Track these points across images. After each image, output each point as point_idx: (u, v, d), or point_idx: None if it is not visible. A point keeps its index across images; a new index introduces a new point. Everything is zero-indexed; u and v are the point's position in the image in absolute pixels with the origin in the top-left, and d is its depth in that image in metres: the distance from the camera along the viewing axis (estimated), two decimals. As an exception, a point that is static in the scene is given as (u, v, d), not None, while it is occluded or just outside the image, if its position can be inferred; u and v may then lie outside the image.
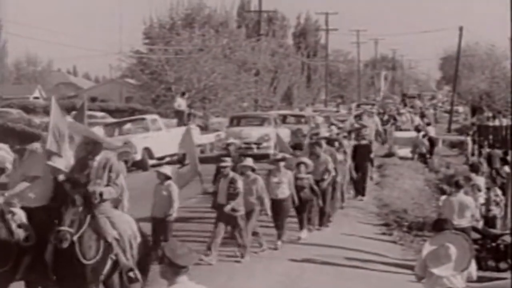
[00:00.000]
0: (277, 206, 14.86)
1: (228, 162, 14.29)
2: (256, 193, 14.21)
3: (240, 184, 13.93)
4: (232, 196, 13.80)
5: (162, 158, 27.74)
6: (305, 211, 15.63)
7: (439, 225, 8.95)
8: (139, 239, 9.79)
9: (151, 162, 26.75)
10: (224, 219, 13.78)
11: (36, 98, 63.30)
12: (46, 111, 49.33)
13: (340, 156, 17.93)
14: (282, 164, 15.09)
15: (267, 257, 13.81)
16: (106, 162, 9.76)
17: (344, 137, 21.77)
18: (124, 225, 9.71)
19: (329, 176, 16.46)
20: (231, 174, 14.07)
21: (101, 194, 9.48)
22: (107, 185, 9.64)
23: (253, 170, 14.48)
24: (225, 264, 13.22)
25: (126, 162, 22.75)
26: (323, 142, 17.59)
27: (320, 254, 14.45)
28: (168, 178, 13.88)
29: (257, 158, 16.24)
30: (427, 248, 8.46)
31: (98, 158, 9.78)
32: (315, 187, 15.70)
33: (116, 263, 9.41)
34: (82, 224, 9.06)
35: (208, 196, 18.89)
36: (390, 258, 15.36)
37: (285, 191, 14.94)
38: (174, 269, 5.75)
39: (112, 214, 9.74)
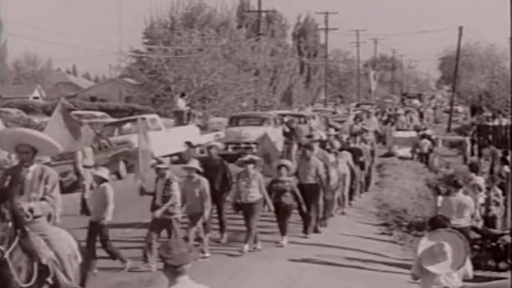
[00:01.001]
0: (247, 210, 14.24)
1: (165, 163, 13.70)
2: (200, 195, 13.56)
3: (175, 186, 13.23)
4: (166, 198, 13.13)
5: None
6: (286, 216, 14.86)
7: (437, 223, 8.92)
8: (80, 259, 8.75)
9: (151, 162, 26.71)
10: (158, 222, 13.13)
11: (36, 98, 63.37)
12: (46, 111, 49.49)
13: (331, 158, 17.43)
14: (250, 166, 14.36)
15: (267, 257, 13.80)
16: (42, 173, 8.68)
17: (337, 137, 21.65)
18: (62, 244, 8.58)
19: (320, 180, 15.84)
20: (167, 175, 13.40)
21: (31, 210, 8.33)
22: (42, 198, 8.56)
23: (198, 172, 13.85)
24: (225, 264, 13.22)
25: (126, 162, 22.88)
26: (316, 145, 17.10)
27: (320, 254, 14.45)
28: (104, 180, 13.23)
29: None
30: (422, 246, 8.44)
31: (32, 168, 8.64)
32: (297, 191, 14.98)
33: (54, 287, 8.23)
34: (12, 242, 7.77)
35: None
36: (390, 258, 15.37)
37: (254, 194, 14.26)
38: (170, 269, 5.77)
39: (48, 232, 8.55)
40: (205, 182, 13.74)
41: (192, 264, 5.77)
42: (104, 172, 13.48)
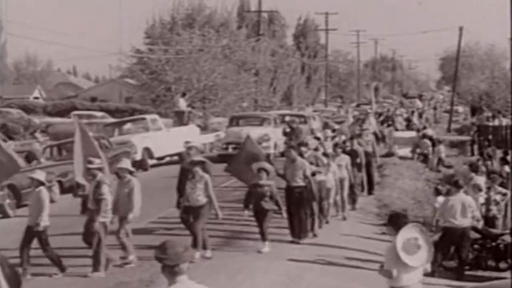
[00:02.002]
0: (192, 213, 13.57)
1: (96, 163, 13.08)
2: (128, 197, 13.06)
3: (105, 189, 12.75)
4: (97, 201, 12.74)
5: (162, 158, 27.78)
6: (266, 222, 14.08)
7: (397, 219, 8.90)
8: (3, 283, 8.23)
9: (151, 162, 26.76)
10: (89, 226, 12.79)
11: (36, 98, 63.44)
12: (46, 111, 49.49)
13: (324, 160, 16.84)
14: (197, 168, 13.62)
15: (267, 257, 13.79)
16: None
17: (333, 138, 21.39)
18: None
19: (309, 182, 15.11)
20: (98, 177, 12.92)
21: None
22: None
23: (130, 172, 13.39)
24: (225, 264, 13.21)
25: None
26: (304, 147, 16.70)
27: (320, 254, 14.45)
28: (41, 183, 12.85)
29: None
30: (400, 241, 8.46)
31: None
32: (277, 196, 14.25)
33: None
34: None
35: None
36: (390, 258, 15.35)
37: (200, 198, 13.46)
38: (167, 269, 5.78)
39: None
40: (135, 182, 13.18)
41: (192, 264, 5.78)
42: (40, 175, 13.00)
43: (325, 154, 17.21)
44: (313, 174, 15.56)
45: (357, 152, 19.99)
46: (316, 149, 17.39)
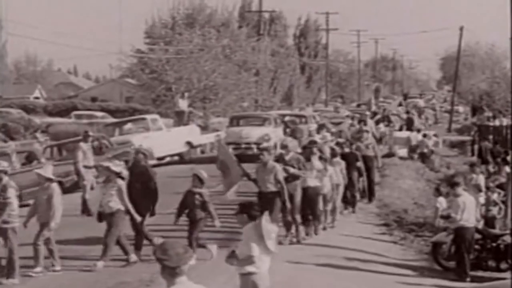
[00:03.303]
0: (107, 221, 13.07)
1: (2, 165, 12.55)
2: (47, 204, 12.61)
3: (11, 193, 12.23)
4: (2, 205, 12.21)
5: (162, 158, 27.78)
6: (196, 230, 13.14)
7: (249, 208, 9.06)
8: None
9: (151, 162, 26.73)
10: None
11: (37, 98, 63.49)
12: (47, 111, 49.49)
13: (319, 165, 15.84)
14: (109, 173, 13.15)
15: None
16: None
17: (337, 143, 20.62)
18: None
19: (282, 187, 14.08)
20: (4, 180, 12.34)
21: None
22: None
23: (49, 179, 12.81)
24: (225, 264, 13.19)
25: (126, 162, 22.84)
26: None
27: (320, 254, 14.45)
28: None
29: (257, 158, 15.41)
30: (264, 228, 8.69)
31: None
32: (209, 204, 13.20)
33: None
34: None
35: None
36: (390, 258, 15.38)
37: (112, 204, 12.96)
38: (168, 270, 5.76)
39: None
40: (54, 189, 12.74)
41: (192, 265, 5.77)
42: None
43: (321, 158, 16.25)
44: (294, 177, 14.80)
45: (357, 156, 19.35)
46: (311, 153, 16.01)
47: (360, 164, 19.38)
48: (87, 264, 13.08)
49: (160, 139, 26.58)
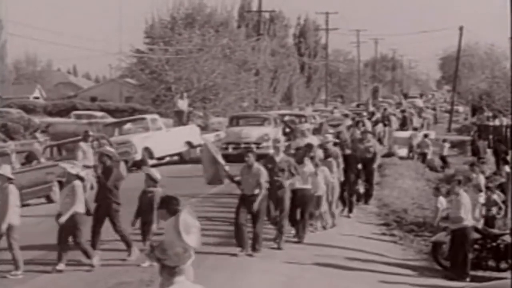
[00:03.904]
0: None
1: None
2: (3, 205, 12.42)
3: None
4: None
5: (162, 158, 27.76)
6: (149, 234, 12.88)
7: (168, 203, 8.92)
8: None
9: (151, 162, 26.73)
10: None
11: (36, 98, 63.50)
12: (46, 111, 49.48)
13: (311, 167, 15.45)
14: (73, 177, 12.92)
15: (267, 257, 13.78)
16: None
17: (340, 145, 20.03)
18: None
19: (260, 192, 13.60)
20: None
21: None
22: None
23: (9, 179, 12.55)
24: (225, 263, 13.20)
25: (126, 162, 22.84)
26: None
27: (320, 254, 14.44)
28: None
29: (257, 158, 15.32)
30: (182, 223, 8.48)
31: None
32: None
33: None
34: None
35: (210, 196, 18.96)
36: (390, 258, 15.37)
37: (67, 206, 12.79)
38: (167, 270, 5.76)
39: None
40: (11, 190, 12.51)
41: (192, 264, 5.77)
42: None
43: (312, 158, 15.75)
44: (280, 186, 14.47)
45: (356, 158, 18.95)
46: (304, 155, 15.65)
47: (360, 166, 19.05)
48: (87, 264, 13.07)
49: (160, 139, 26.57)
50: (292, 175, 14.60)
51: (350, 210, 18.71)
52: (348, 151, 18.77)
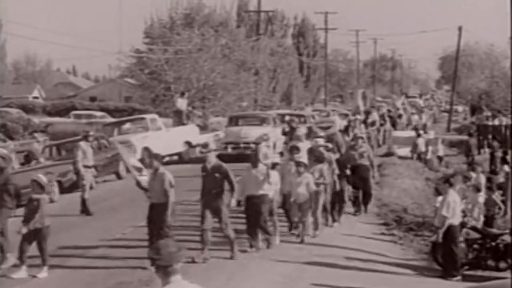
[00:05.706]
0: None
1: None
2: None
3: None
4: None
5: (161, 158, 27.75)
6: (43, 242, 12.54)
7: None
8: None
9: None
10: None
11: (36, 97, 63.45)
12: (46, 111, 49.45)
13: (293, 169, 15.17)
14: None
15: (267, 257, 13.78)
16: None
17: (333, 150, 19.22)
18: None
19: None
20: None
21: None
22: None
23: None
24: (225, 263, 13.20)
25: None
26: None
27: (320, 254, 14.44)
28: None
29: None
30: None
31: None
32: (41, 211, 12.45)
33: None
34: None
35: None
36: (390, 257, 15.37)
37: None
38: (161, 269, 5.80)
39: None
40: None
41: (192, 264, 5.77)
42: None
43: (298, 164, 15.28)
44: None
45: (345, 162, 18.16)
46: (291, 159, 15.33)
47: (349, 172, 18.13)
48: (87, 264, 13.08)
49: (159, 138, 26.54)
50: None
51: (339, 215, 17.59)
52: (337, 155, 18.05)
